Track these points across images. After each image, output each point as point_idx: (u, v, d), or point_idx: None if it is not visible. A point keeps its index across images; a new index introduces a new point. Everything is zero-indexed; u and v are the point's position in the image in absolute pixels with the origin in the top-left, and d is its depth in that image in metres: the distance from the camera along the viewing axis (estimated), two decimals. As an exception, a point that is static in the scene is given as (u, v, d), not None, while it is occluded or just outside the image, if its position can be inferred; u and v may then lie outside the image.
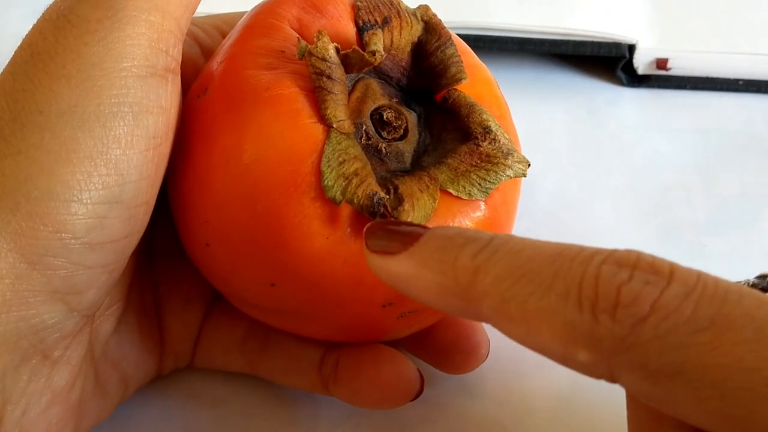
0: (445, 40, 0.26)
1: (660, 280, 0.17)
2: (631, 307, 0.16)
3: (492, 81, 0.28)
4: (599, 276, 0.17)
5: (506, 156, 0.25)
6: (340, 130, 0.23)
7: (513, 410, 0.29)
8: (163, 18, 0.23)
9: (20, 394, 0.22)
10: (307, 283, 0.24)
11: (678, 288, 0.16)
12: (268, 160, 0.23)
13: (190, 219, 0.25)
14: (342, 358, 0.27)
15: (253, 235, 0.24)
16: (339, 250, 0.23)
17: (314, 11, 0.25)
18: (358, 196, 0.23)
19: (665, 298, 0.16)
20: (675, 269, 0.17)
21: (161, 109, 0.23)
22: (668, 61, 0.42)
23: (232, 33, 0.26)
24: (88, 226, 0.21)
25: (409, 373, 0.27)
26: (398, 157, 0.25)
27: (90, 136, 0.21)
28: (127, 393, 0.28)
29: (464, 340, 0.28)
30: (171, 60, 0.23)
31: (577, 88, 0.43)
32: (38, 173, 0.21)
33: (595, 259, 0.18)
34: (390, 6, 0.26)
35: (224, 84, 0.24)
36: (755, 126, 0.41)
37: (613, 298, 0.17)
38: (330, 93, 0.23)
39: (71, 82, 0.21)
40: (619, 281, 0.17)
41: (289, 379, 0.29)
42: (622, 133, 0.40)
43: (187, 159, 0.25)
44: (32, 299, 0.21)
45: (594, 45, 0.42)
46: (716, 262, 0.34)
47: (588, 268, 0.17)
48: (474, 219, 0.25)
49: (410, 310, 0.25)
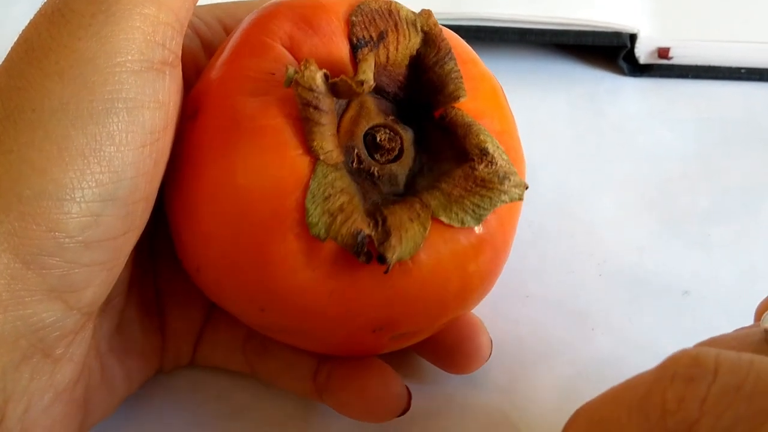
0: (444, 54, 0.25)
1: (705, 375, 0.15)
2: (679, 413, 0.15)
3: (497, 91, 0.27)
4: (648, 389, 0.16)
5: (502, 180, 0.24)
6: (327, 161, 0.23)
7: (517, 401, 0.29)
8: (159, 10, 0.22)
9: (22, 392, 0.22)
10: (295, 312, 0.24)
11: (726, 380, 0.15)
12: (252, 195, 0.23)
13: (182, 242, 0.25)
14: (335, 368, 0.28)
15: (240, 265, 0.24)
16: (325, 283, 0.23)
17: (307, 27, 0.24)
18: (342, 234, 0.22)
19: (714, 395, 0.15)
20: (720, 360, 0.16)
21: (158, 103, 0.23)
22: (670, 50, 0.42)
23: (224, 48, 0.25)
24: (83, 224, 0.21)
25: (397, 390, 0.27)
26: (391, 180, 0.25)
27: (83, 134, 0.21)
28: (131, 388, 0.28)
29: (467, 341, 0.28)
30: (169, 53, 0.23)
31: (579, 78, 0.43)
32: (30, 172, 0.21)
33: (647, 378, 0.17)
34: (388, 17, 0.25)
35: (213, 110, 0.24)
36: (757, 114, 0.41)
37: (659, 407, 0.16)
38: (317, 124, 0.23)
39: (64, 78, 0.21)
40: (663, 386, 0.16)
41: (285, 384, 0.29)
42: (624, 123, 0.40)
43: (179, 183, 0.24)
44: (28, 299, 0.21)
45: (595, 35, 0.42)
46: (719, 252, 0.34)
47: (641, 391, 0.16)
48: (466, 246, 0.24)
49: (402, 332, 0.25)
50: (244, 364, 0.29)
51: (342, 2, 0.25)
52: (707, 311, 0.32)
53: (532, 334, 0.31)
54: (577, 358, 0.31)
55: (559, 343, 0.31)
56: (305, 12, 0.24)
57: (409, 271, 0.23)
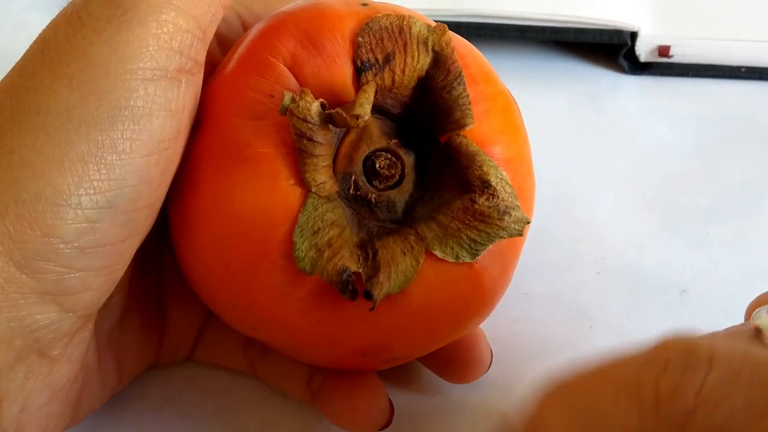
0: (453, 78, 0.24)
1: (701, 364, 0.15)
2: (674, 402, 0.15)
3: (510, 111, 0.26)
4: (638, 374, 0.16)
5: (502, 215, 0.23)
6: (319, 193, 0.23)
7: (516, 399, 0.29)
8: (177, 16, 0.22)
9: (17, 391, 0.22)
10: (284, 335, 0.24)
11: (722, 371, 0.15)
12: (244, 222, 0.23)
13: (179, 251, 0.25)
14: (328, 377, 0.28)
15: (230, 287, 0.24)
16: (313, 313, 0.23)
17: (311, 47, 0.23)
18: (328, 270, 0.22)
19: (709, 385, 0.15)
20: (714, 350, 0.16)
21: (169, 112, 0.22)
22: (670, 48, 0.42)
23: (231, 57, 0.25)
24: (78, 230, 0.21)
25: (381, 404, 0.27)
26: (389, 207, 0.24)
27: (85, 140, 0.21)
28: (122, 383, 0.28)
29: (466, 352, 0.28)
30: (186, 60, 0.22)
31: (579, 75, 0.43)
32: (29, 175, 0.21)
33: (634, 362, 0.16)
34: (398, 36, 0.24)
35: (213, 128, 0.24)
36: (757, 113, 0.41)
37: (652, 395, 0.15)
38: (310, 155, 0.22)
39: (72, 82, 0.21)
40: (656, 373, 0.16)
41: (283, 387, 0.29)
42: (624, 121, 0.40)
43: (179, 193, 0.24)
44: (22, 301, 0.21)
45: (596, 32, 0.42)
46: (719, 250, 0.34)
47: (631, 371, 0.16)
48: (460, 279, 0.24)
49: (390, 357, 0.25)
50: (244, 364, 0.29)
51: (351, 16, 0.24)
52: (706, 309, 0.32)
53: (531, 332, 0.31)
54: (575, 355, 0.30)
55: (557, 341, 0.31)
56: (311, 29, 0.24)
57: (398, 305, 0.23)
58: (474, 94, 0.24)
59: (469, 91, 0.24)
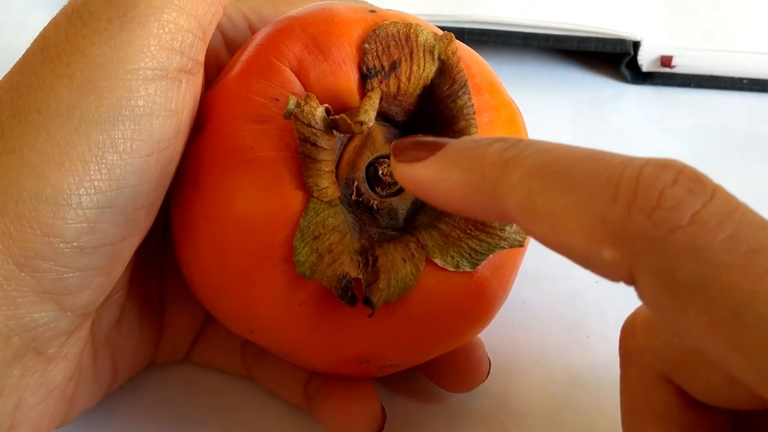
0: (458, 88, 0.24)
1: (704, 193, 0.16)
2: (672, 212, 0.16)
3: (514, 122, 0.26)
4: (641, 175, 0.16)
5: (503, 226, 0.23)
6: (321, 198, 0.23)
7: (512, 407, 0.29)
8: (179, 16, 0.22)
9: (12, 388, 0.22)
10: (282, 339, 0.24)
11: (720, 206, 0.16)
12: (244, 225, 0.23)
13: (179, 252, 0.25)
14: (324, 382, 0.28)
15: (228, 289, 0.24)
16: (312, 317, 0.23)
17: (317, 52, 0.23)
18: (328, 275, 0.22)
19: (707, 212, 0.16)
20: (718, 187, 0.17)
21: (170, 112, 0.22)
22: (672, 58, 0.42)
23: (238, 60, 0.25)
24: (78, 230, 0.21)
25: (373, 410, 0.27)
26: (391, 214, 0.24)
27: (85, 140, 0.21)
28: (117, 382, 0.28)
29: (464, 361, 0.28)
30: (187, 60, 0.23)
31: (581, 83, 0.43)
32: (29, 174, 0.21)
33: (635, 162, 0.17)
34: (404, 44, 0.24)
35: (216, 130, 0.24)
36: (759, 125, 0.41)
37: (654, 198, 0.16)
38: (313, 160, 0.22)
39: (73, 82, 0.21)
40: (663, 183, 0.16)
41: (279, 391, 0.29)
42: (626, 130, 0.40)
43: (180, 194, 0.24)
44: (21, 299, 0.21)
45: (598, 41, 0.42)
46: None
47: (627, 168, 0.17)
48: (460, 288, 0.24)
49: (388, 364, 0.25)
50: (242, 367, 0.29)
51: (358, 22, 0.24)
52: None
53: (528, 340, 0.31)
54: (572, 365, 0.30)
55: (554, 350, 0.31)
56: (318, 34, 0.24)
57: (397, 312, 0.23)
58: (479, 104, 0.24)
59: (473, 100, 0.24)
